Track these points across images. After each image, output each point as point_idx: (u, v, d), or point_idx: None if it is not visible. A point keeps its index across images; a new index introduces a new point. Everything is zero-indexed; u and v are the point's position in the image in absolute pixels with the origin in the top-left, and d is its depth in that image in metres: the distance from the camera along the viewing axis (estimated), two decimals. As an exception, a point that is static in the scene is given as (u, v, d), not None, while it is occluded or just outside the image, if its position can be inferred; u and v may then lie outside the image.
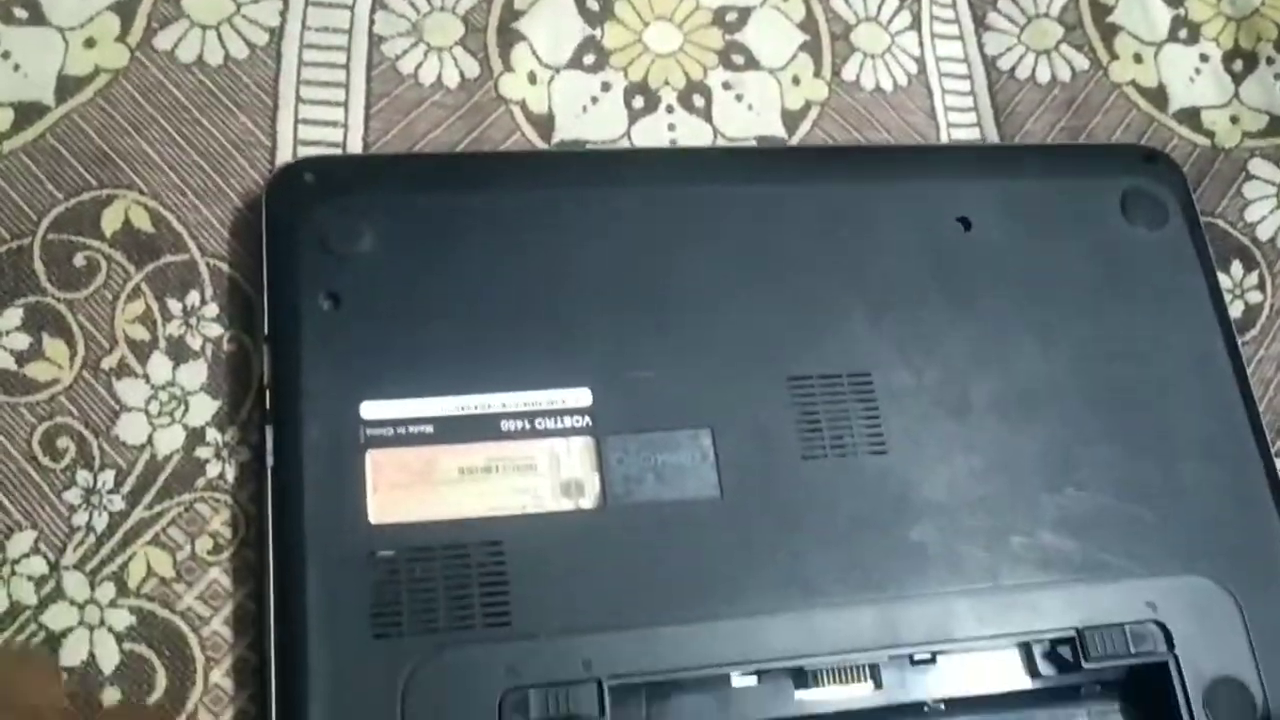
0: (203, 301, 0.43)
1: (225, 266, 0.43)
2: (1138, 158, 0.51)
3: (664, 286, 0.43)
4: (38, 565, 0.39)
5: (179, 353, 0.42)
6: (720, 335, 0.43)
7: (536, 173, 0.45)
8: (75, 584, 0.39)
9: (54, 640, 0.38)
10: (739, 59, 0.52)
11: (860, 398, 0.43)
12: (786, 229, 0.45)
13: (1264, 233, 0.53)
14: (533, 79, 0.49)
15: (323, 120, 0.46)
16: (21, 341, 0.41)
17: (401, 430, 0.40)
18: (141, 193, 0.43)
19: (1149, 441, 0.45)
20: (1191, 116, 0.56)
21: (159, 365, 0.42)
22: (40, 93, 0.44)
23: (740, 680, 0.39)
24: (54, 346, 0.41)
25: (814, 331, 0.44)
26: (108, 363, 0.41)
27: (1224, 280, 0.51)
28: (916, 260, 0.46)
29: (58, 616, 0.38)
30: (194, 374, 0.42)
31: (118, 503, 0.40)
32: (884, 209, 0.46)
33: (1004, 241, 0.46)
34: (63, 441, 0.40)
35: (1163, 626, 0.41)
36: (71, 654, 0.38)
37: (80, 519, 0.40)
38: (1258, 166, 0.54)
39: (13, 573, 0.38)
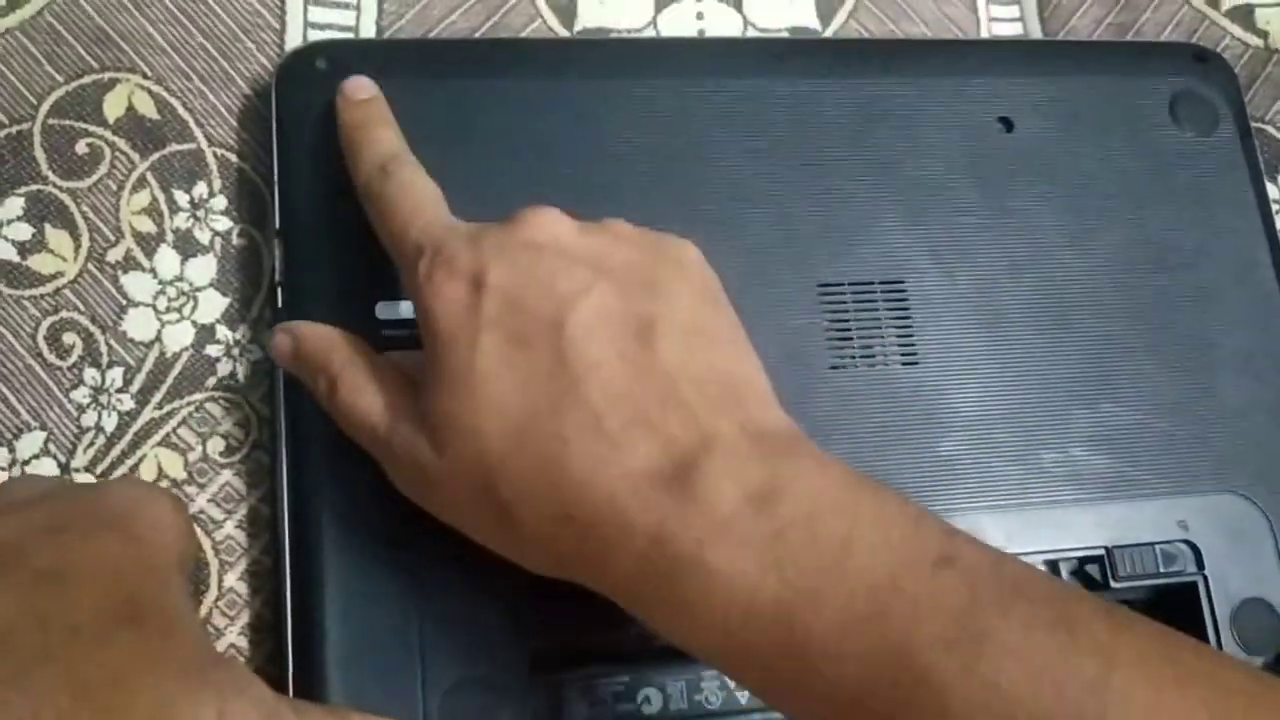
0: (211, 193, 0.41)
1: (234, 157, 0.42)
2: (1188, 57, 0.48)
3: (690, 185, 0.41)
4: (48, 466, 0.38)
5: (187, 246, 0.41)
6: (749, 238, 0.41)
7: (558, 62, 0.43)
8: (85, 484, 0.38)
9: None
10: (772, -57, 0.49)
11: (892, 306, 0.42)
12: (820, 127, 0.43)
13: (1314, 141, 0.51)
14: (555, -39, 0.47)
15: (334, 1, 0.44)
16: (23, 232, 0.40)
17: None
18: (145, 76, 0.42)
19: (1187, 355, 0.43)
20: (1245, 15, 0.53)
21: (166, 259, 0.40)
22: (36, -33, 0.42)
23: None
24: (57, 238, 0.40)
25: (847, 236, 0.42)
26: (113, 255, 0.40)
27: (1271, 190, 0.49)
28: (955, 162, 0.44)
29: (68, 517, 0.37)
30: (203, 269, 0.41)
31: (127, 402, 0.39)
32: (922, 107, 0.44)
33: (1046, 143, 0.44)
34: (69, 338, 0.39)
35: (1193, 546, 0.40)
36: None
37: (89, 419, 0.39)
38: (1311, 70, 0.52)
39: (24, 474, 0.38)
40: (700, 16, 0.47)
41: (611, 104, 0.42)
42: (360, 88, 0.39)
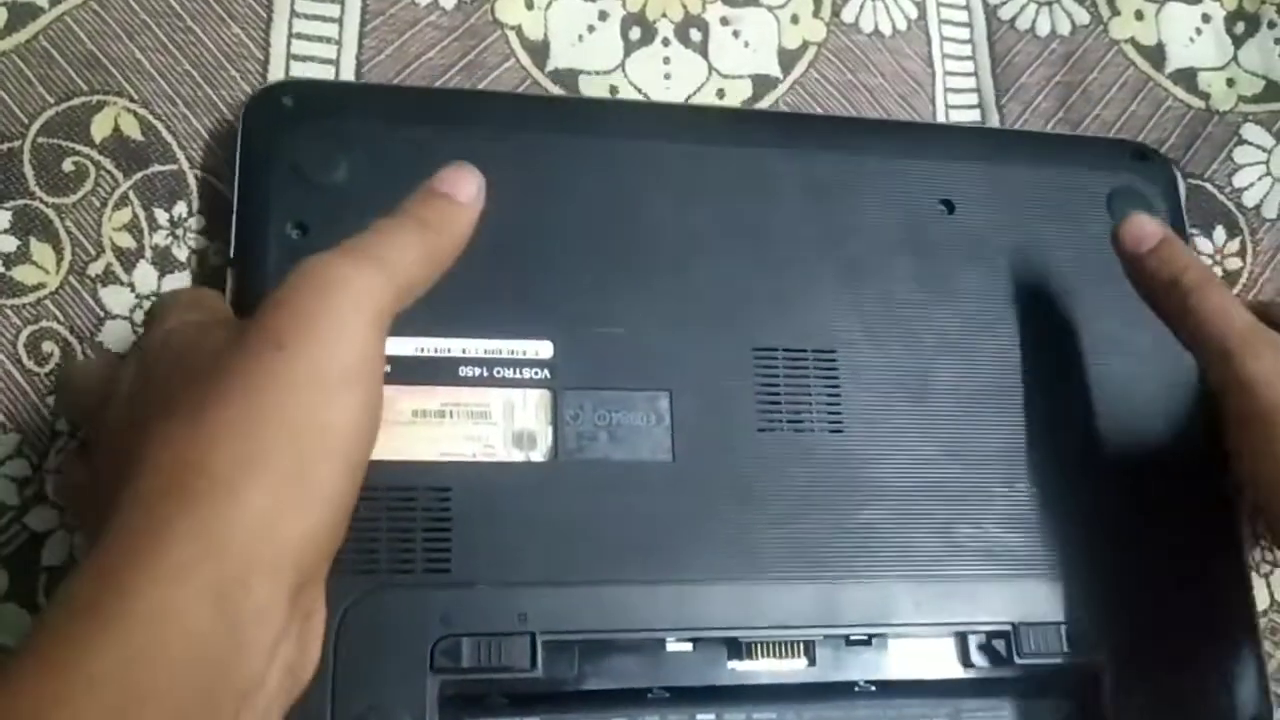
0: (190, 213, 0.44)
1: (213, 179, 0.44)
2: (1129, 154, 0.50)
3: (636, 244, 0.43)
4: (21, 467, 0.41)
5: (165, 263, 0.43)
6: (689, 299, 0.42)
7: (517, 117, 0.44)
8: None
9: (36, 541, 0.40)
10: (740, -8, 0.51)
11: (823, 374, 0.43)
12: (767, 195, 0.44)
13: (1250, 199, 0.53)
14: (529, 4, 0.48)
15: (316, 35, 0.46)
16: (9, 244, 0.42)
17: (358, 367, 0.40)
18: (132, 100, 0.44)
19: (1107, 442, 0.44)
20: (1188, 77, 0.55)
21: (145, 274, 0.43)
22: (34, -10, 0.44)
23: (675, 645, 0.40)
24: (41, 250, 0.42)
25: (784, 302, 0.43)
26: (94, 269, 0.43)
27: (1205, 245, 0.52)
28: (896, 239, 0.45)
29: (40, 518, 0.40)
30: (179, 285, 0.43)
31: (99, 411, 0.41)
32: (868, 183, 0.45)
33: (985, 228, 0.46)
34: (47, 346, 0.42)
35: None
36: (53, 554, 0.40)
37: (63, 424, 0.41)
38: (1250, 132, 0.54)
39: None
40: (667, 61, 0.49)
41: (568, 161, 0.43)
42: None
